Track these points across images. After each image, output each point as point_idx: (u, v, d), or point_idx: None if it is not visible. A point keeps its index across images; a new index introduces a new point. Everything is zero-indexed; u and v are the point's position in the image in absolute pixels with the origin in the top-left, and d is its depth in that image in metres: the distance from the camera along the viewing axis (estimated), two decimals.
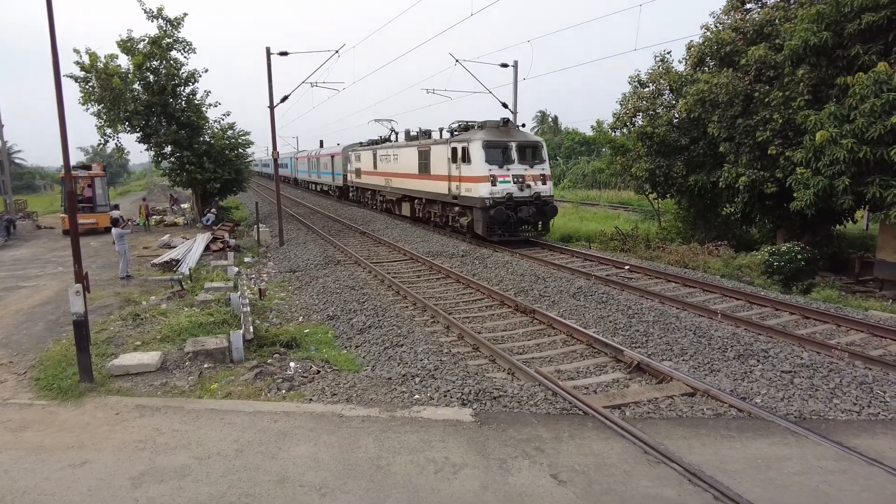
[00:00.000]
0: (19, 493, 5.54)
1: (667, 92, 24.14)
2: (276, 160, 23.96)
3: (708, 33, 21.39)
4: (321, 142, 55.40)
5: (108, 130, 25.20)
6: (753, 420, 6.97)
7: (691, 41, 22.56)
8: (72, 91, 47.25)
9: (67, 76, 23.35)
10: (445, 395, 7.60)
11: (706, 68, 21.69)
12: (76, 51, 23.52)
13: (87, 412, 7.43)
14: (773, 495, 5.40)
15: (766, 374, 8.29)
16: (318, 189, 51.01)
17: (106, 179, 27.07)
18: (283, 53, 22.83)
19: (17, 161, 69.19)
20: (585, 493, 5.45)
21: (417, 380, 8.17)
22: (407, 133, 28.07)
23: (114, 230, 16.56)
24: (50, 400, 7.82)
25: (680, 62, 24.02)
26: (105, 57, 23.76)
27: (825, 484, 5.56)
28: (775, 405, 7.30)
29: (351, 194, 38.82)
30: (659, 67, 24.46)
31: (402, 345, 9.82)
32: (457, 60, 25.28)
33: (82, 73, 23.66)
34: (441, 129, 24.71)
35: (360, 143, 37.67)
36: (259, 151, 60.60)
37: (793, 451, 6.20)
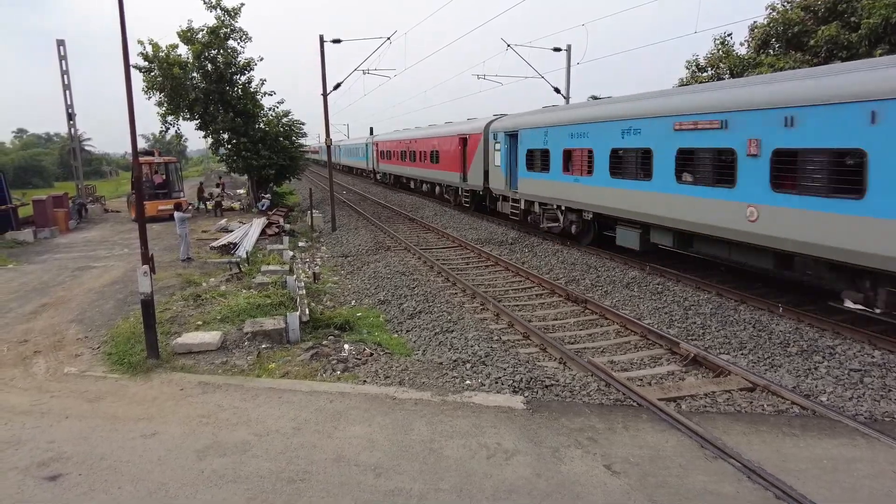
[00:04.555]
0: (97, 459, 5.92)
1: (727, 77, 23.17)
2: (328, 147, 24.38)
3: (774, 13, 20.36)
4: (371, 129, 55.92)
5: (170, 118, 26.27)
6: (818, 419, 6.68)
7: (755, 22, 21.55)
8: (135, 81, 49.27)
9: (132, 66, 24.39)
10: (497, 382, 7.62)
11: (770, 51, 20.67)
12: (140, 42, 24.56)
13: (155, 387, 7.83)
14: (841, 497, 5.17)
15: (832, 371, 7.93)
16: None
17: (178, 165, 28.19)
18: (337, 41, 23.13)
19: (86, 148, 73.01)
20: (640, 485, 5.37)
21: (468, 366, 8.22)
22: None
23: (176, 214, 17.28)
24: (121, 374, 8.29)
25: (742, 45, 23.00)
26: (166, 47, 24.69)
27: None
28: (843, 404, 6.98)
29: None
30: (718, 51, 23.47)
31: (453, 331, 9.88)
32: (508, 45, 24.99)
33: (145, 64, 24.65)
34: None
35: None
36: (312, 139, 59.59)
37: (863, 453, 5.91)
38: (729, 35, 23.45)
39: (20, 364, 8.81)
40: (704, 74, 23.55)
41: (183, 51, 25.20)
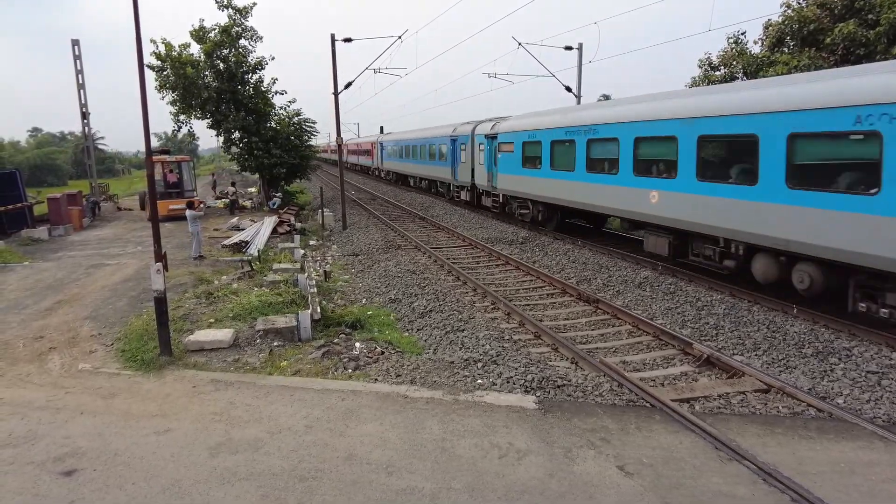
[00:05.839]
0: (112, 455, 5.96)
1: (740, 75, 22.94)
2: (339, 146, 24.44)
3: (789, 11, 20.13)
4: (381, 128, 56.00)
5: (182, 117, 26.43)
6: (835, 421, 6.60)
7: (769, 20, 21.33)
8: (148, 80, 49.47)
9: (146, 66, 24.51)
10: (508, 382, 7.59)
11: (785, 49, 20.44)
12: (153, 41, 24.72)
13: (168, 384, 7.88)
14: (859, 501, 5.10)
15: (848, 373, 7.82)
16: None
17: (192, 164, 28.39)
18: (348, 40, 23.16)
19: (99, 147, 73.76)
20: (653, 486, 5.33)
21: (480, 365, 8.19)
22: None
23: (188, 212, 17.37)
24: (134, 371, 8.35)
25: (755, 43, 22.76)
26: (179, 46, 24.84)
27: None
28: (860, 407, 6.88)
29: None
30: (732, 49, 23.24)
31: (464, 330, 9.86)
32: (519, 44, 24.92)
33: (158, 63, 24.81)
34: None
35: None
36: (322, 138, 58.27)
37: (881, 456, 5.83)
38: (743, 33, 23.24)
39: (36, 360, 8.91)
40: (717, 73, 23.35)
41: (195, 50, 25.37)
